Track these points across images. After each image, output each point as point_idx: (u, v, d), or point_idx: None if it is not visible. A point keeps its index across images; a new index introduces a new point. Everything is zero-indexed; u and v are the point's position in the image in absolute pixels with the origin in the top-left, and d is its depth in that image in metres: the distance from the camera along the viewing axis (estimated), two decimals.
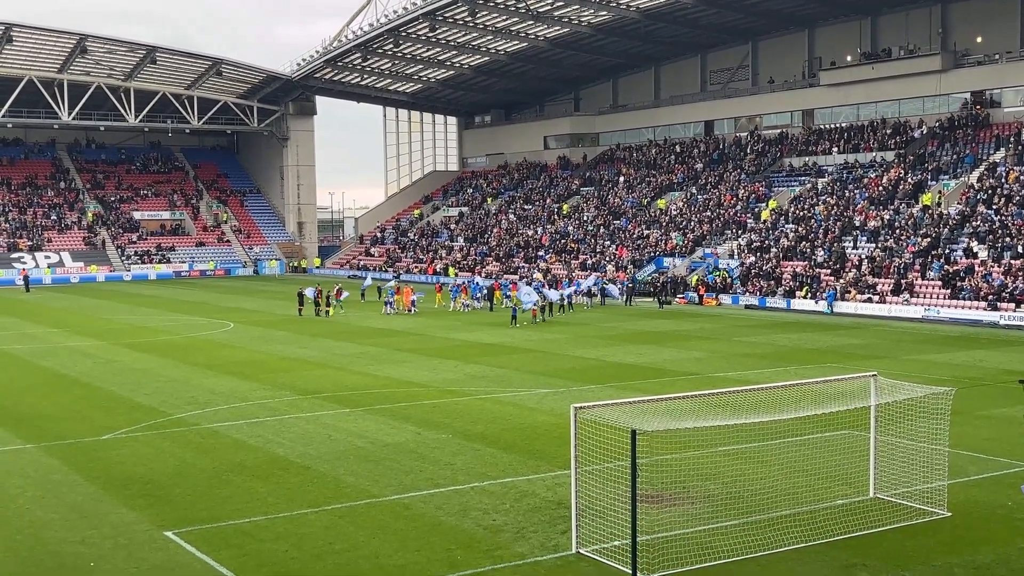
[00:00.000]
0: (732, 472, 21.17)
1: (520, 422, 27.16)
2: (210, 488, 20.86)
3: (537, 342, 44.00)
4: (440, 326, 50.56)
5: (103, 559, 16.75)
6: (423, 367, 37.01)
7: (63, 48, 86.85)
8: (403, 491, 20.44)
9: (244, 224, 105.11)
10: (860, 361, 36.88)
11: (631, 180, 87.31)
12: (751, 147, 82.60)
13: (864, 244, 61.15)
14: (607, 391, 31.22)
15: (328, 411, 28.83)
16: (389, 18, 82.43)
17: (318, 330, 49.46)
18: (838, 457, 21.34)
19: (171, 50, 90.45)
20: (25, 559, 16.83)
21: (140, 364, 38.43)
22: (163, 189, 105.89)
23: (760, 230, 68.51)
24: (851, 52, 77.28)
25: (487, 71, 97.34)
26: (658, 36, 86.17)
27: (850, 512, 18.39)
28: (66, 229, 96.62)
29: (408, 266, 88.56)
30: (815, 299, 56.70)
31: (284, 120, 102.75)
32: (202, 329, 50.66)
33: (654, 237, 74.28)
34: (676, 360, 38.42)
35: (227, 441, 25.17)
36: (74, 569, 16.34)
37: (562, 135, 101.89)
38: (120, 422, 27.51)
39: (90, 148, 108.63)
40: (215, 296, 71.25)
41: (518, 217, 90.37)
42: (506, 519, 18.53)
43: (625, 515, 16.54)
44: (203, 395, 31.58)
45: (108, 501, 20.02)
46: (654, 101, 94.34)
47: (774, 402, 19.34)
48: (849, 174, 70.74)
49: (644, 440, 17.09)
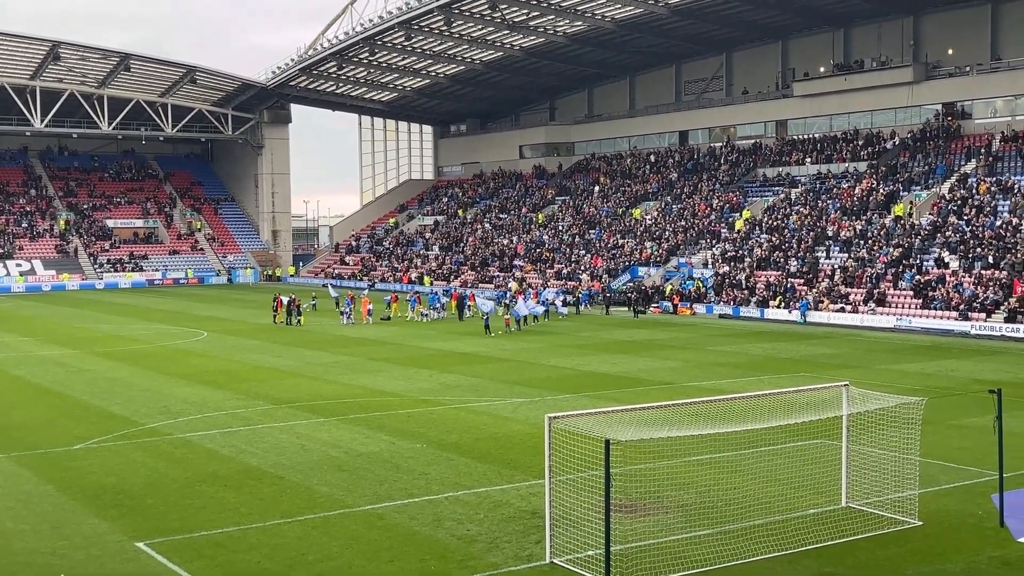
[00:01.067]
0: (706, 481, 21.23)
1: (494, 431, 27.16)
2: (182, 498, 20.74)
3: (512, 351, 44.01)
4: (414, 335, 50.50)
5: (74, 570, 16.63)
6: (397, 376, 36.95)
7: (36, 54, 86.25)
8: (377, 501, 20.40)
9: (218, 232, 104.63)
10: (832, 371, 37.09)
11: (606, 189, 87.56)
12: (725, 157, 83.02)
13: (837, 254, 61.55)
14: (581, 400, 31.27)
15: (302, 421, 28.73)
16: (365, 27, 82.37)
17: (292, 339, 49.29)
18: (810, 466, 21.45)
19: (145, 57, 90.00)
20: None
21: (113, 373, 38.17)
22: (136, 197, 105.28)
23: (734, 240, 68.84)
24: (824, 63, 77.87)
25: (463, 80, 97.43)
26: (633, 46, 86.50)
27: (822, 521, 18.49)
28: (38, 237, 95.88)
29: (383, 275, 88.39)
30: (788, 309, 57.01)
31: (259, 128, 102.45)
32: (175, 338, 50.38)
33: (629, 246, 74.50)
34: (650, 369, 38.52)
35: (200, 451, 25.03)
36: None
37: (537, 144, 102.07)
38: (92, 432, 27.31)
39: (63, 155, 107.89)
40: (188, 305, 70.88)
41: (493, 226, 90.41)
42: (480, 529, 18.52)
43: (599, 525, 16.56)
44: (176, 405, 31.40)
45: (80, 511, 19.87)
46: (629, 111, 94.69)
47: (747, 411, 19.44)
48: (822, 184, 71.22)
49: (618, 450, 17.12)
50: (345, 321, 55.90)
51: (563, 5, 76.53)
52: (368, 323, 55.72)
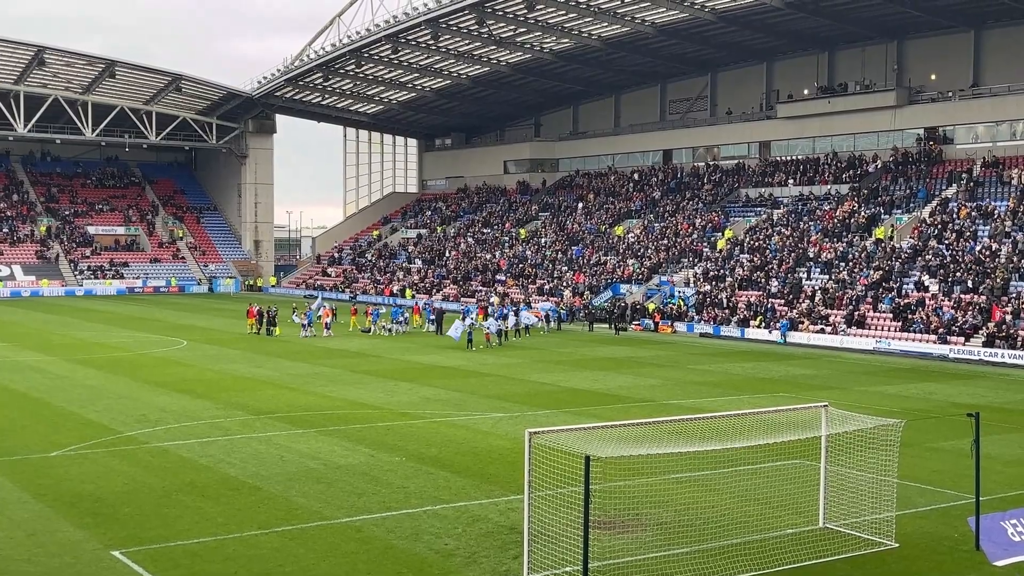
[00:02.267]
0: (684, 499, 21.27)
1: (474, 446, 27.14)
2: (159, 507, 20.64)
3: (493, 366, 44.01)
4: (396, 348, 50.43)
5: None
6: (378, 389, 36.89)
7: (20, 59, 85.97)
8: (355, 514, 20.35)
9: (200, 241, 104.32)
10: (812, 391, 37.23)
11: (589, 206, 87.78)
12: (708, 177, 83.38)
13: (818, 275, 61.85)
14: (562, 416, 31.29)
15: (281, 431, 28.65)
16: (352, 39, 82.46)
17: (272, 349, 49.15)
18: (789, 486, 21.52)
19: (130, 64, 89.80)
20: None
21: (91, 380, 37.98)
22: (118, 204, 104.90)
23: (716, 259, 69.09)
24: (808, 86, 78.37)
25: (448, 94, 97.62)
26: (619, 65, 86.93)
27: (800, 541, 18.55)
28: (18, 242, 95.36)
29: (365, 287, 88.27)
30: (769, 329, 57.21)
31: (243, 138, 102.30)
32: (155, 346, 50.16)
33: (611, 263, 74.66)
34: (631, 387, 38.58)
35: (177, 460, 24.92)
36: None
37: (522, 160, 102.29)
38: (69, 439, 27.15)
39: (45, 161, 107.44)
40: (168, 313, 70.60)
41: (476, 241, 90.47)
42: (458, 543, 18.50)
43: (577, 541, 16.57)
44: (154, 413, 31.26)
45: (55, 519, 19.75)
46: (614, 129, 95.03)
47: (727, 430, 19.49)
48: (804, 206, 71.60)
49: (597, 466, 17.14)
50: (304, 333, 55.34)
51: (550, 22, 76.86)
52: (328, 335, 55.27)
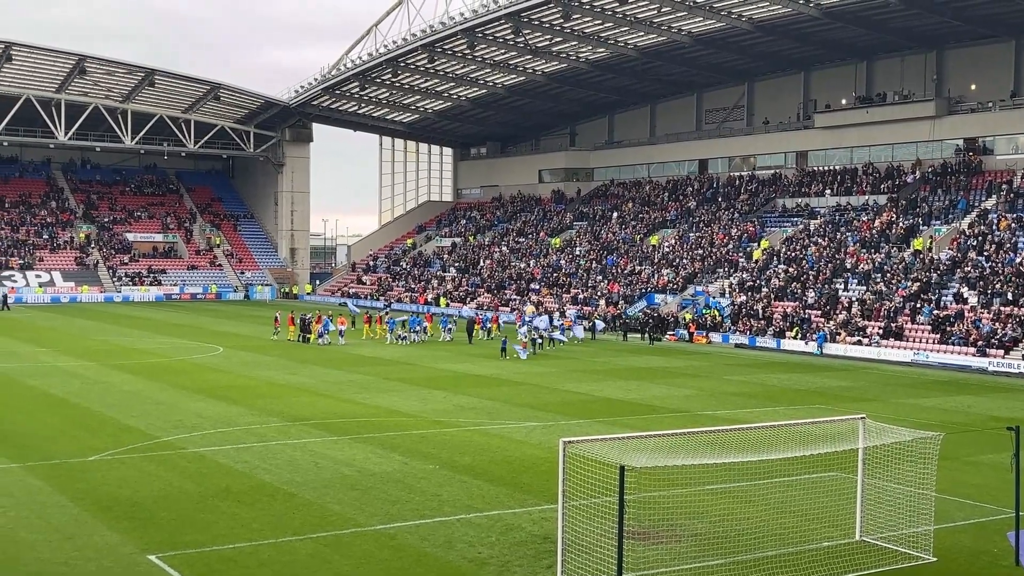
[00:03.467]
0: (719, 511, 21.14)
1: (508, 455, 27.12)
2: (195, 512, 20.77)
3: (526, 375, 43.98)
4: (430, 356, 50.52)
5: None
6: (412, 397, 36.95)
7: (62, 68, 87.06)
8: (389, 521, 20.38)
9: (236, 248, 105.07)
10: (849, 403, 36.91)
11: (624, 216, 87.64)
12: (744, 187, 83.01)
13: (855, 287, 61.37)
14: (596, 426, 31.21)
15: (315, 438, 28.76)
16: (388, 48, 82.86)
17: (307, 357, 49.38)
18: (825, 499, 21.34)
19: (170, 73, 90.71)
20: None
21: (129, 386, 38.31)
22: (157, 211, 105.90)
23: (751, 269, 68.73)
24: (846, 96, 77.88)
25: (484, 103, 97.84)
26: (655, 74, 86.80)
27: (836, 554, 18.38)
28: (58, 248, 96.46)
29: (399, 295, 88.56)
30: (805, 340, 56.81)
31: (280, 146, 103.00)
32: (191, 352, 50.54)
33: (646, 273, 74.47)
34: (665, 397, 38.43)
35: (214, 466, 25.08)
36: None
37: (557, 169, 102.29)
38: (107, 444, 27.40)
39: (85, 168, 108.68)
40: (205, 320, 71.13)
41: (511, 249, 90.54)
42: (491, 552, 18.48)
43: (611, 551, 16.51)
44: (191, 419, 31.48)
45: (92, 523, 19.93)
46: (649, 138, 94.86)
47: (762, 442, 19.37)
48: (841, 216, 71.11)
49: (632, 476, 17.08)
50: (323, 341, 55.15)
51: (586, 32, 76.87)
52: (342, 343, 55.09)
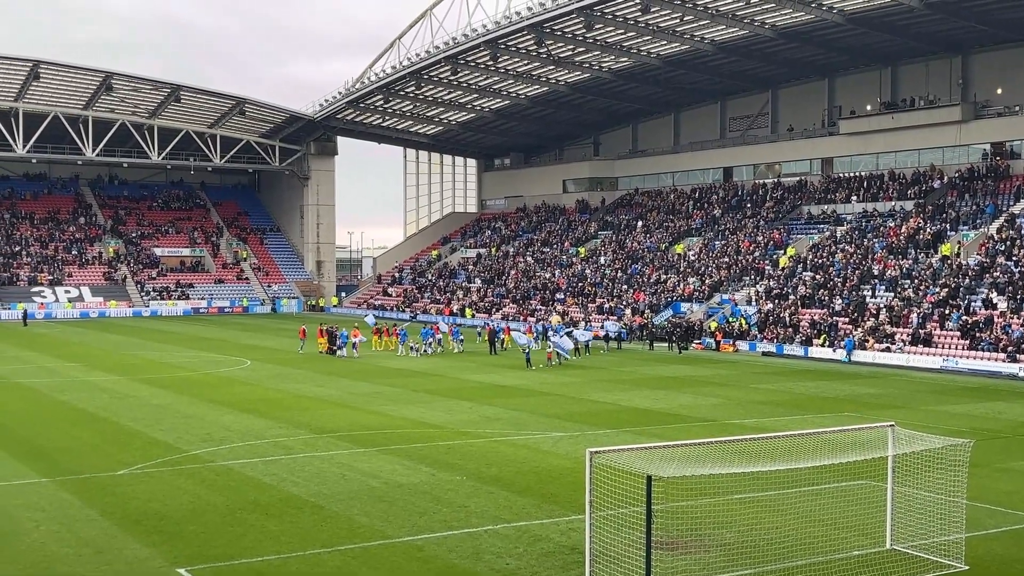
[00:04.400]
0: (747, 520, 21.03)
1: (535, 465, 27.08)
2: (224, 526, 20.86)
3: (552, 385, 43.93)
4: (456, 367, 50.56)
5: None
6: (438, 408, 36.99)
7: (89, 85, 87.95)
8: (416, 532, 20.39)
9: (263, 262, 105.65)
10: (878, 410, 36.65)
11: (649, 224, 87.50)
12: (770, 194, 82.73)
13: (882, 293, 60.97)
14: (623, 436, 31.13)
15: (343, 450, 28.83)
16: (412, 61, 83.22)
17: (334, 369, 49.53)
18: (854, 507, 21.19)
19: (195, 89, 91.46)
20: None
21: (157, 400, 38.55)
22: (184, 226, 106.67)
23: (778, 277, 68.43)
24: (871, 101, 77.54)
25: (507, 114, 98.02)
26: (678, 82, 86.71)
27: (866, 564, 18.24)
28: (87, 264, 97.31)
29: (425, 306, 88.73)
30: (833, 347, 56.47)
31: (305, 160, 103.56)
32: (219, 366, 50.81)
33: (671, 282, 74.28)
34: (692, 406, 38.28)
35: (241, 479, 25.18)
36: None
37: (581, 179, 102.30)
38: (136, 457, 27.57)
39: (113, 184, 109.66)
40: (233, 333, 71.49)
41: (536, 260, 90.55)
42: (519, 563, 18.44)
43: (639, 562, 16.45)
44: (219, 432, 31.63)
45: (122, 536, 20.04)
46: (673, 147, 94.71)
47: (790, 450, 19.25)
48: (868, 223, 70.71)
49: (659, 486, 17.03)
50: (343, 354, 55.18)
51: (608, 41, 76.92)
52: (355, 356, 54.97)
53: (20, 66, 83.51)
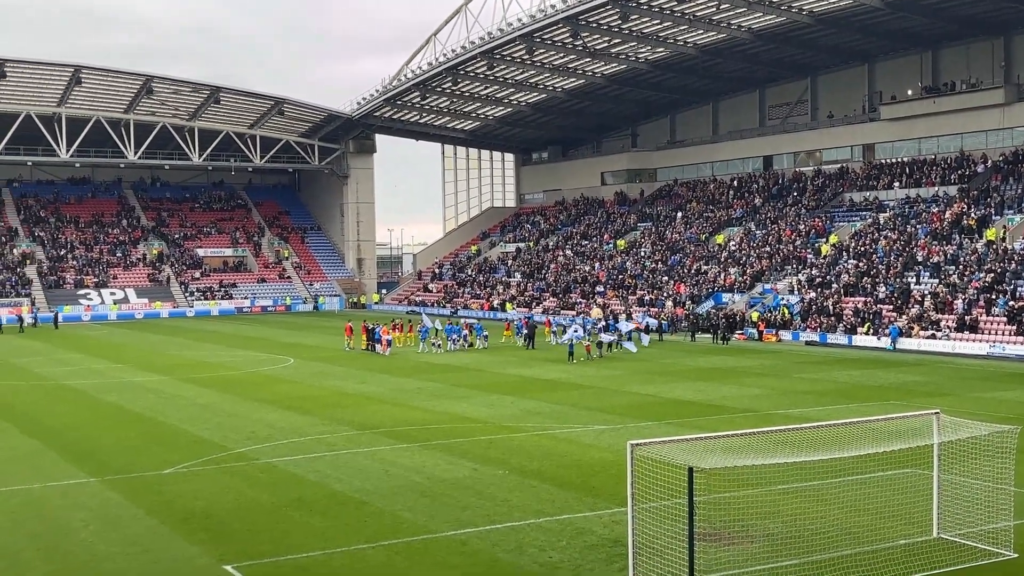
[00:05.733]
0: (792, 511, 20.88)
1: (577, 458, 27.05)
2: (269, 522, 21.02)
3: (594, 378, 43.86)
4: (497, 362, 50.62)
5: None
6: (480, 403, 37.05)
7: (130, 89, 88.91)
8: (460, 527, 20.44)
9: (304, 261, 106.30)
10: (923, 398, 36.26)
11: (689, 215, 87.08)
12: (811, 182, 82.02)
13: (927, 280, 60.28)
14: (665, 428, 31.02)
15: (385, 446, 28.96)
16: (448, 57, 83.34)
17: (376, 366, 49.75)
18: (900, 496, 20.98)
19: (234, 90, 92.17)
20: None
21: (202, 399, 38.92)
22: (226, 226, 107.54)
23: (820, 265, 67.85)
24: (912, 86, 76.61)
25: (544, 108, 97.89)
26: (716, 71, 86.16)
27: (913, 552, 18.05)
28: (131, 266, 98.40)
29: (466, 302, 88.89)
30: (877, 335, 55.93)
31: (344, 158, 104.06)
32: (263, 364, 51.21)
33: (712, 272, 73.89)
34: (735, 397, 38.06)
35: (286, 476, 25.36)
36: None
37: (619, 171, 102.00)
38: (181, 456, 27.85)
39: (155, 186, 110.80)
40: (276, 332, 72.02)
41: (575, 253, 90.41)
42: (563, 556, 18.44)
43: (683, 553, 16.39)
44: (263, 430, 31.88)
45: (169, 535, 20.26)
46: (712, 136, 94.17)
47: (835, 440, 19.08)
48: (911, 209, 69.92)
49: (702, 478, 16.95)
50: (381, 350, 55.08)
51: (644, 32, 76.58)
52: (385, 353, 54.62)
53: (62, 72, 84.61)
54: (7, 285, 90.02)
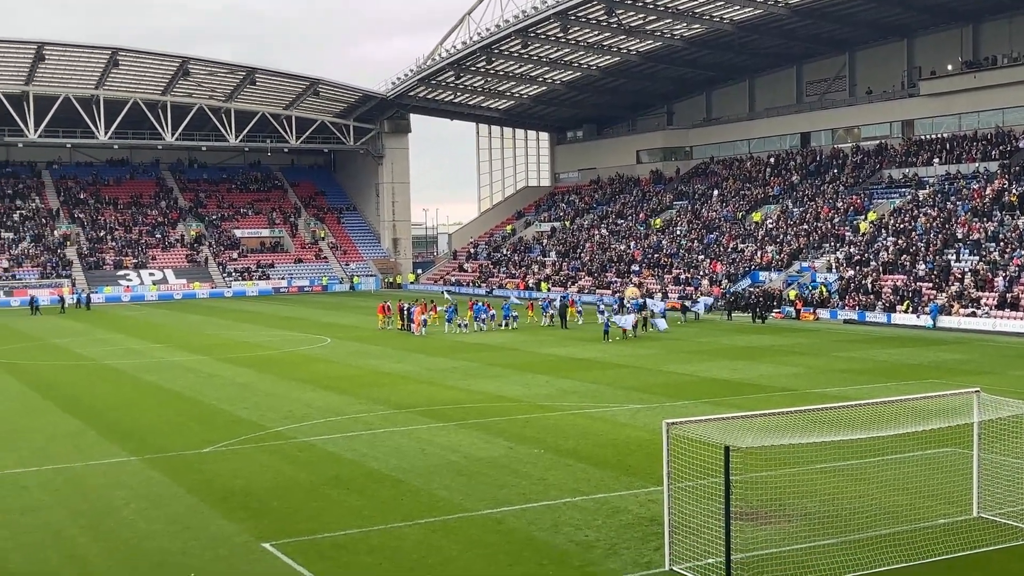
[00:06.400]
0: (829, 490, 20.77)
1: (612, 437, 27.04)
2: (307, 501, 21.19)
3: (629, 357, 43.77)
4: (532, 341, 50.62)
5: (203, 570, 17.13)
6: (515, 382, 37.09)
7: (166, 71, 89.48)
8: (496, 505, 20.51)
9: (341, 241, 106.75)
10: (963, 377, 35.90)
11: (725, 193, 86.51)
12: (849, 159, 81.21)
13: (967, 257, 59.59)
14: (701, 407, 30.92)
15: (422, 425, 29.08)
16: (482, 36, 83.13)
17: (412, 345, 49.92)
18: (939, 475, 20.81)
19: (270, 71, 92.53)
20: (129, 569, 17.30)
21: (240, 378, 39.23)
22: (263, 207, 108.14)
23: (859, 243, 67.23)
24: (952, 61, 75.55)
25: (579, 86, 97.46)
26: (752, 48, 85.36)
27: (952, 532, 17.91)
28: (169, 247, 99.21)
29: (501, 281, 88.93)
30: (916, 313, 55.39)
31: (379, 138, 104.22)
32: (300, 344, 51.52)
33: (749, 251, 73.43)
34: (772, 376, 37.87)
35: (323, 454, 25.54)
36: None
37: (655, 149, 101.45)
38: (220, 435, 28.11)
39: (192, 167, 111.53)
40: (312, 312, 72.43)
41: (610, 232, 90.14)
42: (598, 535, 18.46)
43: (719, 532, 16.36)
44: (300, 409, 32.10)
45: (208, 513, 20.48)
46: (749, 113, 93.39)
47: (873, 418, 18.92)
48: (951, 185, 69.08)
49: (738, 457, 16.89)
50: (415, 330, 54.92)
51: (680, 8, 75.98)
52: (421, 334, 54.32)
53: (100, 54, 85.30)
54: (48, 267, 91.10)
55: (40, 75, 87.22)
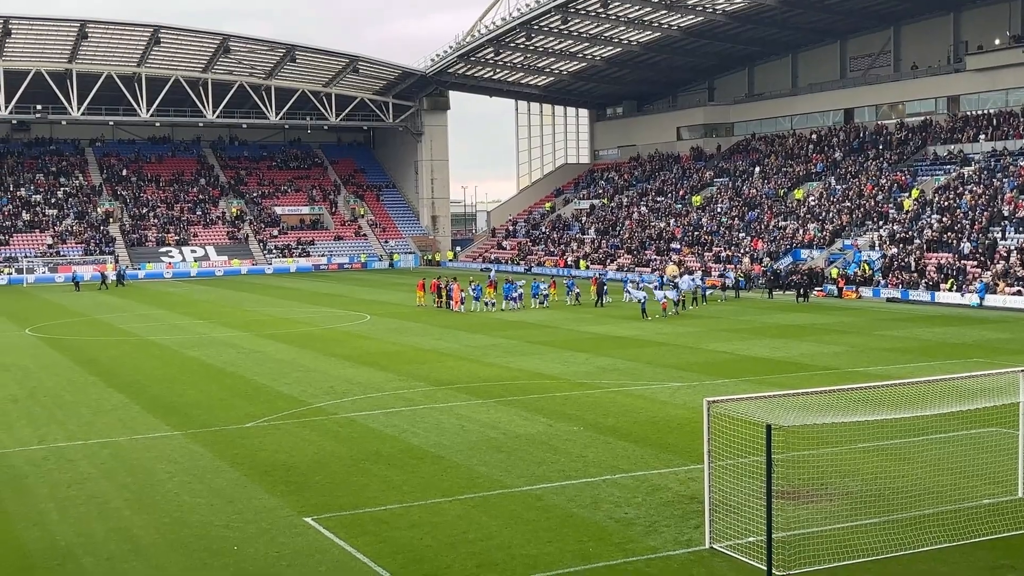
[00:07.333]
0: (872, 469, 20.61)
1: (652, 415, 26.99)
2: (348, 476, 21.33)
3: (669, 335, 43.61)
4: (571, 319, 50.57)
5: (246, 543, 17.31)
6: (555, 359, 37.08)
7: (207, 48, 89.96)
8: (535, 482, 20.54)
9: (380, 218, 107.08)
10: (1009, 356, 35.46)
11: (767, 170, 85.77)
12: (893, 135, 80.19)
13: (1013, 235, 58.75)
14: (741, 385, 30.77)
15: (461, 402, 29.16)
16: (521, 11, 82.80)
17: (452, 322, 50.03)
18: (984, 455, 20.59)
19: (310, 48, 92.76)
20: (173, 541, 17.52)
21: (282, 355, 39.52)
22: (303, 185, 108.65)
23: (903, 221, 66.48)
24: (999, 35, 74.27)
25: (619, 62, 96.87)
26: (795, 22, 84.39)
27: (997, 512, 17.72)
28: (211, 224, 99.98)
29: (540, 258, 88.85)
30: (961, 292, 54.74)
31: (418, 115, 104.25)
32: (340, 321, 51.80)
33: (791, 228, 72.81)
34: (813, 354, 37.59)
35: (364, 430, 25.70)
36: (219, 552, 16.93)
37: (695, 126, 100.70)
38: (263, 410, 28.35)
39: (233, 145, 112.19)
40: (352, 289, 72.76)
41: (650, 209, 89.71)
42: (638, 512, 18.45)
43: (760, 511, 16.28)
44: (341, 385, 32.30)
45: (251, 487, 20.67)
46: (791, 89, 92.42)
47: (917, 398, 18.74)
48: (997, 162, 68.04)
49: (780, 435, 16.77)
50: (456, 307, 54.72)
51: None
52: (458, 310, 54.41)
53: (142, 32, 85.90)
54: (91, 243, 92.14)
55: (83, 53, 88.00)
